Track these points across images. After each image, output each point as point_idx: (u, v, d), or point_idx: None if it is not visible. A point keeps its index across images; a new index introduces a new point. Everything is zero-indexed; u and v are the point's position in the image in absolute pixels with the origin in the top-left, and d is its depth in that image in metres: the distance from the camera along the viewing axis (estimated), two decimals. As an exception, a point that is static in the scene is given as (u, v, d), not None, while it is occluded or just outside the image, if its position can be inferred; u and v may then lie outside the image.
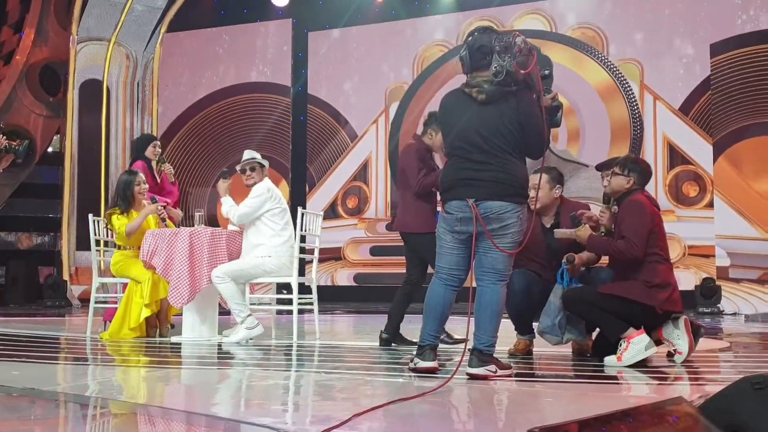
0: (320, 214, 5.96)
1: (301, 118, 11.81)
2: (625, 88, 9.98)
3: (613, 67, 10.08)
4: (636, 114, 9.88)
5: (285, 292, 5.89)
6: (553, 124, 3.86)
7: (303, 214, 5.55)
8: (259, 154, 5.69)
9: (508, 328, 4.49)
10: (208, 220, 6.02)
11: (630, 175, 4.16)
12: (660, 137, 9.77)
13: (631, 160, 4.28)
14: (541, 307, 4.39)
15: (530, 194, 4.40)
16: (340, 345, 5.54)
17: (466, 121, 3.64)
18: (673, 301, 4.06)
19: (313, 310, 5.68)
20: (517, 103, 3.58)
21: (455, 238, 3.66)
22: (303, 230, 5.56)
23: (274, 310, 6.19)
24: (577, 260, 4.26)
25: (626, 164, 4.20)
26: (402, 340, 5.11)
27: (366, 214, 11.28)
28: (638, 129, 9.86)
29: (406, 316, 5.15)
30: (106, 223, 5.90)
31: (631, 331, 3.98)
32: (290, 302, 5.44)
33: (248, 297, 5.48)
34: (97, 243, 5.93)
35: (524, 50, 3.52)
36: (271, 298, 6.08)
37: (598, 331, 4.38)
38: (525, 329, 4.60)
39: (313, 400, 3.29)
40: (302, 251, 5.61)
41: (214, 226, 6.75)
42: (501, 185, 3.55)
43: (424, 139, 5.06)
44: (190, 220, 10.12)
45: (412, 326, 7.00)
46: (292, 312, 5.45)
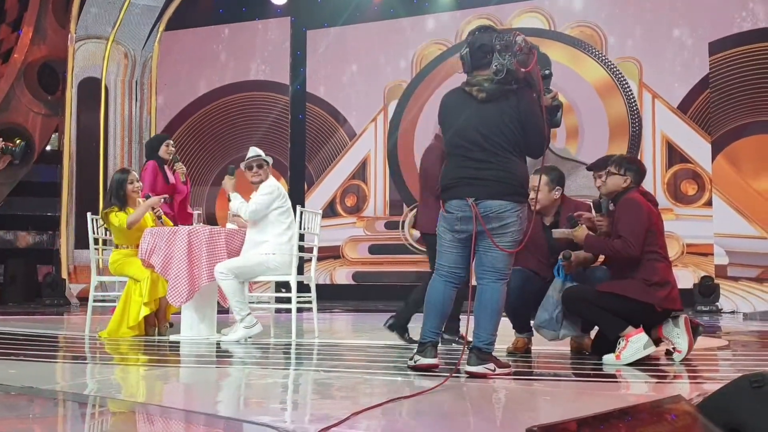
0: (319, 212, 5.96)
1: (300, 117, 11.81)
2: (623, 85, 9.98)
3: (611, 65, 10.08)
4: (634, 111, 9.89)
5: (284, 290, 5.89)
6: (553, 124, 3.85)
7: (302, 213, 5.55)
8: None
9: (506, 326, 4.49)
10: (206, 219, 6.01)
11: (626, 174, 4.18)
12: (659, 135, 9.77)
13: (627, 160, 4.29)
14: (537, 304, 4.40)
15: (531, 195, 4.40)
16: (339, 343, 5.54)
17: (466, 120, 3.63)
18: (671, 299, 4.06)
19: (312, 309, 5.69)
20: (517, 102, 3.57)
21: (455, 237, 3.66)
22: (302, 229, 5.57)
23: (273, 308, 6.19)
24: (573, 258, 4.26)
25: (622, 163, 4.20)
26: (403, 334, 5.02)
27: (365, 213, 11.28)
28: (636, 126, 9.86)
29: (422, 315, 5.11)
30: (102, 222, 5.89)
31: (629, 330, 3.98)
32: (289, 301, 5.44)
33: (247, 295, 5.49)
34: (96, 241, 5.93)
35: (525, 49, 3.52)
36: (270, 297, 6.08)
37: (597, 329, 4.38)
38: (523, 327, 4.60)
39: (312, 399, 3.29)
40: (301, 250, 5.61)
41: (212, 225, 6.75)
42: (501, 184, 3.54)
43: None
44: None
45: (412, 325, 6.99)
46: (291, 310, 5.45)
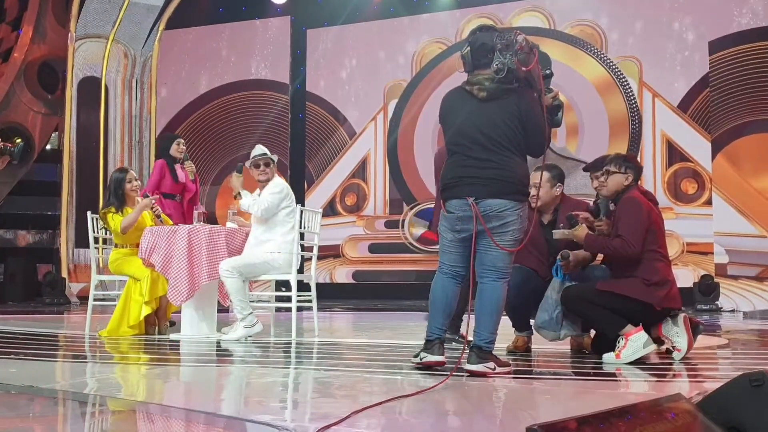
0: (319, 211, 5.96)
1: (300, 116, 11.80)
2: (623, 83, 9.98)
3: (610, 63, 10.08)
4: (634, 110, 9.89)
5: (284, 289, 5.89)
6: (554, 124, 3.85)
7: (302, 212, 5.55)
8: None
9: (506, 325, 4.49)
10: (206, 218, 6.01)
11: (627, 172, 4.19)
12: (659, 134, 9.77)
13: (624, 158, 4.30)
14: (537, 303, 4.40)
15: (531, 192, 4.40)
16: (339, 342, 5.54)
17: (467, 119, 3.63)
18: (671, 298, 4.06)
19: (312, 308, 5.69)
20: (518, 101, 3.57)
21: (456, 236, 3.66)
22: (302, 228, 5.57)
23: (273, 307, 6.19)
24: (571, 257, 4.26)
25: (621, 162, 4.21)
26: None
27: (365, 212, 11.28)
28: (636, 123, 9.86)
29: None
30: (101, 222, 5.90)
31: (629, 329, 3.98)
32: (289, 299, 5.44)
33: (248, 294, 5.48)
34: (96, 240, 5.93)
35: (525, 48, 3.52)
36: (270, 296, 6.09)
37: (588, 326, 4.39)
38: (522, 326, 4.60)
39: (312, 397, 3.29)
40: (301, 248, 5.61)
41: (212, 224, 6.73)
42: (502, 183, 3.54)
43: None
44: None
45: (412, 323, 7.00)
46: (291, 309, 5.45)
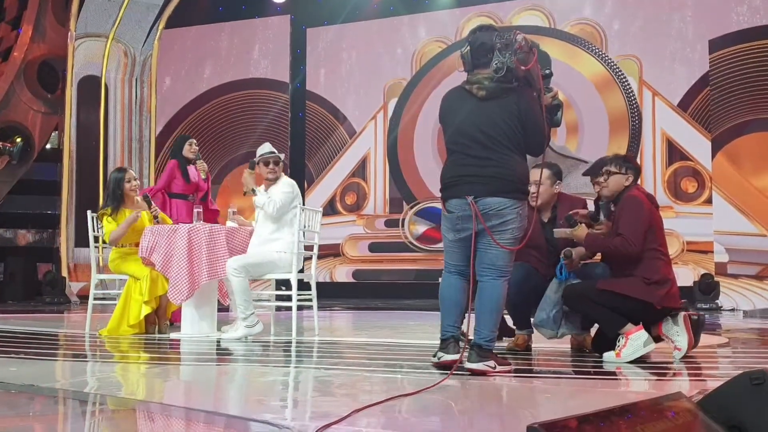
0: (319, 210, 5.96)
1: (300, 115, 11.80)
2: (623, 82, 9.98)
3: (610, 62, 10.07)
4: (634, 107, 9.88)
5: (284, 288, 5.89)
6: (553, 123, 3.86)
7: (302, 211, 5.55)
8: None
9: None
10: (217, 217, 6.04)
11: (627, 173, 4.20)
12: (659, 133, 9.77)
13: (623, 158, 4.30)
14: (537, 301, 4.41)
15: (531, 190, 4.40)
16: (339, 341, 5.54)
17: (466, 117, 3.64)
18: (671, 296, 4.07)
19: (312, 307, 5.69)
20: (517, 100, 3.58)
21: (457, 236, 3.67)
22: (302, 227, 5.56)
23: (273, 306, 6.19)
24: (574, 255, 4.27)
25: (621, 162, 4.22)
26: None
27: (365, 211, 11.28)
28: (636, 122, 9.85)
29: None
30: (100, 222, 5.90)
31: (629, 327, 3.99)
32: (289, 298, 5.44)
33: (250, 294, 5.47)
34: (96, 240, 5.92)
35: (525, 47, 3.53)
36: (270, 295, 6.08)
37: (597, 327, 4.39)
38: (523, 324, 4.60)
39: (313, 396, 3.29)
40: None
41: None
42: (501, 181, 3.55)
43: None
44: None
45: (412, 322, 6.99)
46: (291, 308, 5.45)
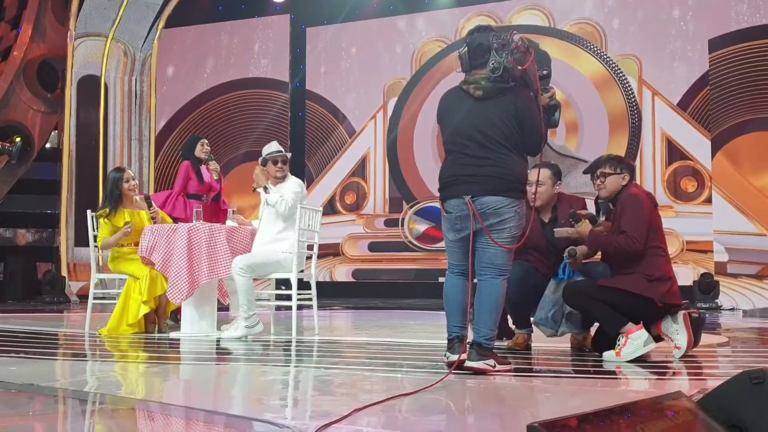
0: (319, 209, 5.95)
1: (299, 114, 11.80)
2: (622, 81, 9.97)
3: (609, 61, 10.07)
4: (633, 106, 9.88)
5: (284, 287, 5.89)
6: (551, 124, 3.88)
7: (301, 210, 5.54)
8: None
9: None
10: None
11: (623, 172, 4.22)
12: (658, 133, 9.77)
13: (618, 159, 4.32)
14: (537, 300, 4.42)
15: (531, 190, 4.41)
16: (339, 340, 5.54)
17: (464, 117, 3.66)
18: (673, 294, 4.07)
19: (312, 306, 5.69)
20: (514, 99, 3.60)
21: (457, 236, 3.69)
22: (302, 226, 5.56)
23: (273, 305, 6.18)
24: (578, 254, 4.28)
25: (615, 163, 4.23)
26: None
27: (364, 210, 11.27)
28: (636, 121, 9.85)
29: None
30: (97, 223, 5.90)
31: (630, 326, 3.99)
32: (289, 298, 5.44)
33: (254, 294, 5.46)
34: (95, 239, 5.92)
35: (521, 47, 3.56)
36: (270, 294, 6.08)
37: (597, 326, 4.39)
38: (522, 323, 4.61)
39: (312, 395, 3.29)
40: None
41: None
42: (499, 180, 3.56)
43: None
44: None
45: (412, 322, 6.99)
46: (291, 308, 5.45)
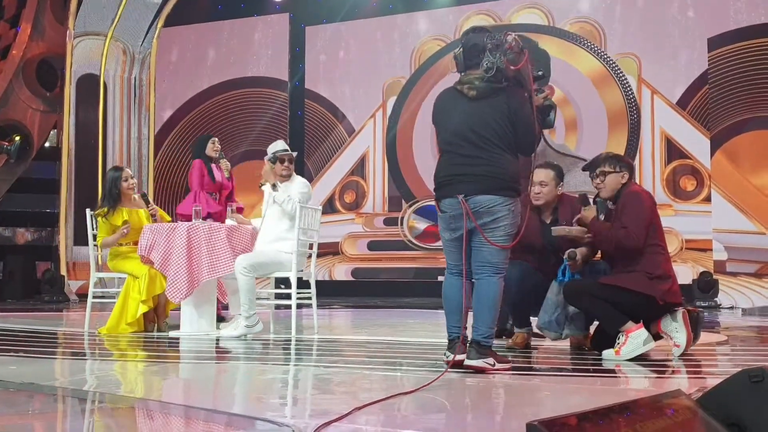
0: (318, 208, 5.95)
1: (299, 113, 11.79)
2: (621, 78, 9.96)
3: (608, 59, 10.06)
4: (633, 105, 9.87)
5: (283, 286, 5.89)
6: (546, 125, 3.91)
7: (301, 209, 5.54)
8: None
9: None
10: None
11: (622, 171, 4.22)
12: (658, 131, 9.77)
13: (617, 157, 4.32)
14: (538, 300, 4.41)
15: (535, 189, 4.44)
16: (339, 339, 5.54)
17: (458, 117, 3.70)
18: (673, 292, 4.08)
19: (312, 305, 5.69)
20: (507, 99, 3.64)
21: (452, 235, 3.71)
22: (301, 224, 5.56)
23: (273, 304, 6.18)
24: (578, 256, 4.27)
25: (614, 162, 4.24)
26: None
27: (364, 209, 11.27)
28: (635, 119, 9.85)
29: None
30: (96, 222, 5.90)
31: (630, 325, 3.99)
32: (289, 297, 5.44)
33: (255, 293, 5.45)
34: (95, 238, 5.92)
35: (515, 48, 3.61)
36: (270, 293, 6.08)
37: (596, 325, 4.39)
38: (522, 322, 4.60)
39: (312, 394, 3.29)
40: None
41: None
42: (492, 179, 3.59)
43: None
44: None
45: (411, 320, 7.00)
46: (291, 307, 5.45)
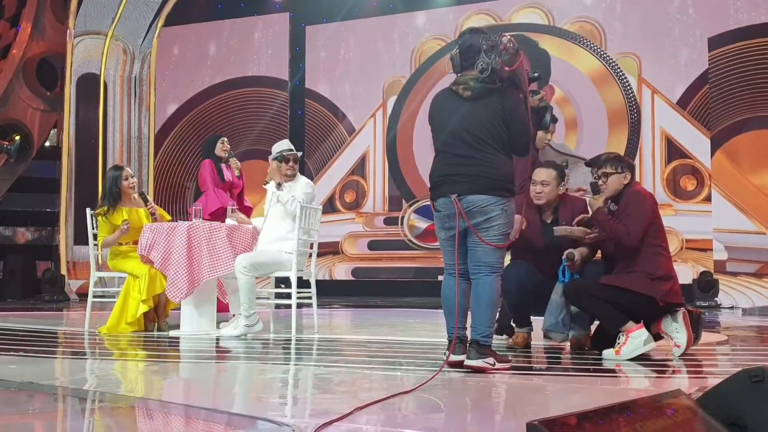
0: (319, 208, 5.95)
1: (299, 113, 11.79)
2: (622, 79, 9.96)
3: (608, 58, 10.06)
4: (633, 105, 9.87)
5: (283, 286, 5.89)
6: (541, 126, 3.93)
7: (302, 209, 5.54)
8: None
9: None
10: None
11: (624, 171, 4.23)
12: (658, 131, 9.76)
13: (618, 158, 4.33)
14: (538, 299, 4.41)
15: (536, 189, 4.46)
16: (339, 339, 5.55)
17: (453, 118, 3.72)
18: (674, 293, 4.08)
19: (312, 305, 5.69)
20: (501, 100, 3.65)
21: (447, 234, 3.72)
22: (302, 224, 5.56)
23: (273, 304, 6.18)
24: (577, 257, 4.27)
25: (616, 162, 4.25)
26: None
27: (364, 209, 11.27)
28: (635, 118, 9.84)
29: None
30: (96, 221, 5.90)
31: (630, 325, 3.99)
32: (289, 296, 5.44)
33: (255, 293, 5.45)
34: (95, 237, 5.91)
35: (510, 49, 3.63)
36: (270, 292, 6.08)
37: (596, 324, 4.39)
38: (523, 322, 4.60)
39: (312, 394, 3.29)
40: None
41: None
42: (485, 179, 3.60)
43: None
44: (187, 214, 10.11)
45: (411, 320, 7.00)
46: (291, 306, 5.45)
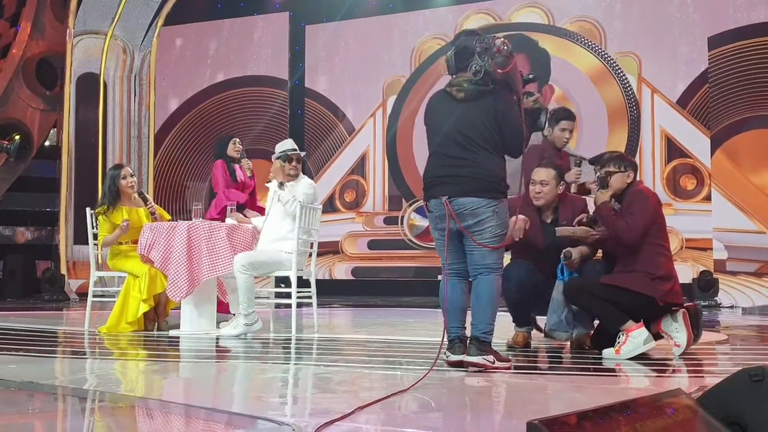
0: (319, 207, 5.95)
1: (299, 112, 11.79)
2: (622, 79, 9.96)
3: (608, 58, 10.06)
4: (633, 104, 9.87)
5: (283, 285, 5.89)
6: (535, 128, 3.94)
7: (302, 208, 5.54)
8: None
9: (506, 320, 4.50)
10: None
11: (627, 170, 4.23)
12: (658, 130, 9.76)
13: (621, 156, 4.34)
14: (538, 299, 4.41)
15: (536, 189, 4.47)
16: (339, 338, 5.55)
17: (447, 119, 3.74)
18: (674, 293, 4.08)
19: (312, 304, 5.69)
20: (494, 102, 3.67)
21: (441, 234, 3.74)
22: (302, 224, 5.56)
23: (273, 303, 6.18)
24: (574, 255, 4.27)
25: (619, 161, 4.26)
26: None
27: (364, 208, 11.27)
28: (635, 118, 9.84)
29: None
30: (96, 221, 5.90)
31: (630, 324, 3.99)
32: (289, 296, 5.44)
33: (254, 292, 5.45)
34: (95, 237, 5.91)
35: (503, 51, 3.64)
36: (270, 292, 6.08)
37: (596, 324, 4.39)
38: (523, 321, 4.60)
39: (312, 393, 3.30)
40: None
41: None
42: (476, 181, 3.61)
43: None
44: (187, 214, 10.11)
45: (411, 319, 7.00)
46: (291, 306, 5.45)
